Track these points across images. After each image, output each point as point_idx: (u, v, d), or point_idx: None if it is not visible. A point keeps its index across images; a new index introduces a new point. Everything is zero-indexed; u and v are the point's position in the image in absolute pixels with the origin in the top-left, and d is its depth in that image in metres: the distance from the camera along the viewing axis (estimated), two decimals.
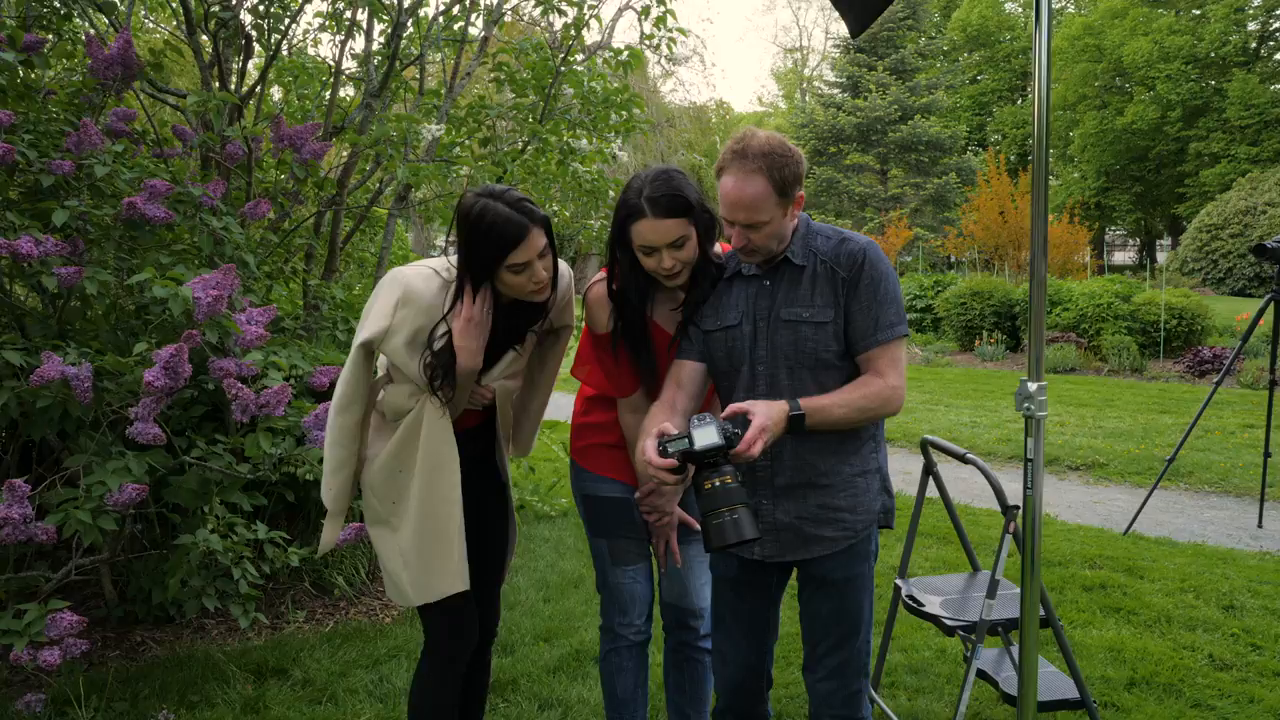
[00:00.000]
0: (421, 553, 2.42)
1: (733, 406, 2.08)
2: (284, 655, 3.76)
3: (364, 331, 2.34)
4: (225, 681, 3.52)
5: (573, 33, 4.94)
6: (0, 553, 3.20)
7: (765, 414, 2.03)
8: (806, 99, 44.65)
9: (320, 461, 3.37)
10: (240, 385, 3.04)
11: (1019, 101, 41.73)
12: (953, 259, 28.73)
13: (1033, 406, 2.06)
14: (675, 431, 2.04)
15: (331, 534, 2.60)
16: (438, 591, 2.43)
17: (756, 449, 1.99)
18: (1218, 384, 5.78)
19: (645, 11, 4.98)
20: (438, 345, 2.34)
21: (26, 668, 3.14)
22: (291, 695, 3.46)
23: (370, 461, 2.48)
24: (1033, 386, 2.05)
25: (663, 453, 2.01)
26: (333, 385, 2.93)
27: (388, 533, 2.47)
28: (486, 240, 2.26)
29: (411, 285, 2.34)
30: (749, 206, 2.13)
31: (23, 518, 2.79)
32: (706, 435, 1.98)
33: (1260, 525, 5.88)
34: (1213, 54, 32.64)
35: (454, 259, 2.40)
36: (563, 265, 2.52)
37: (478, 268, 2.31)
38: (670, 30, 5.00)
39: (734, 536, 1.96)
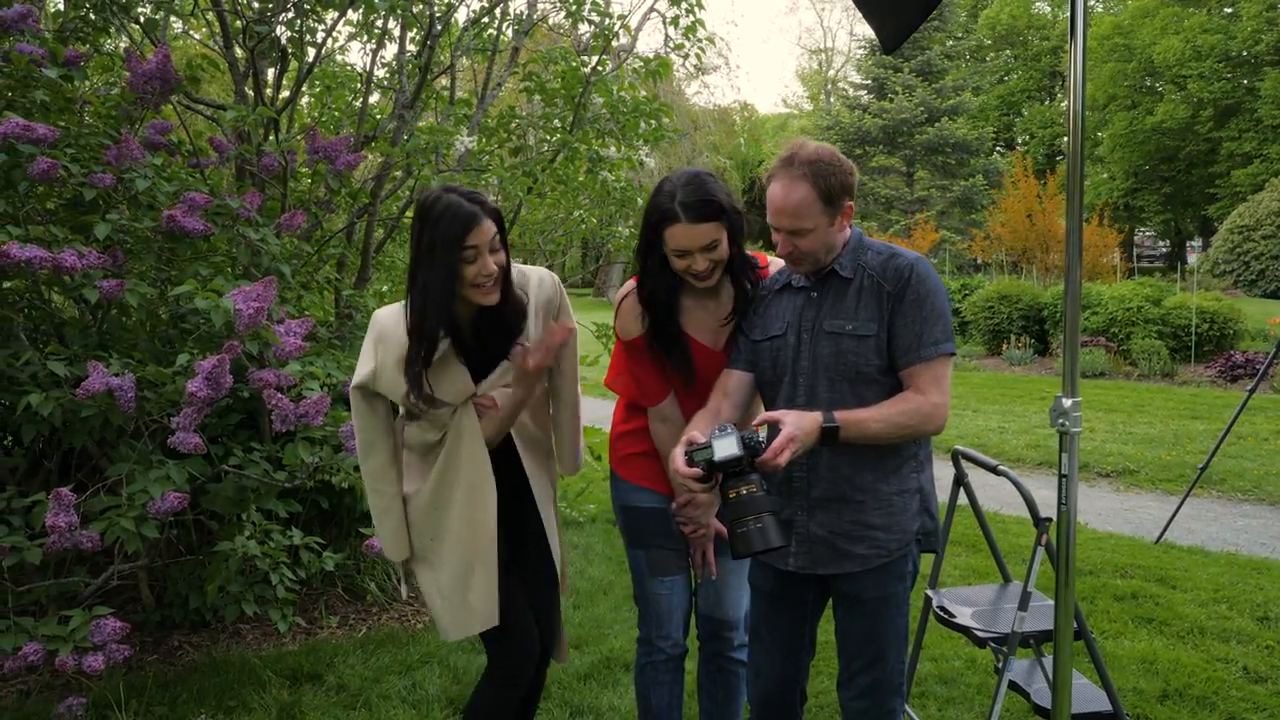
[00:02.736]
0: (458, 589, 2.44)
1: (764, 415, 2.11)
2: (318, 660, 3.81)
3: (354, 377, 2.41)
4: (261, 686, 3.57)
5: (600, 43, 4.96)
6: (41, 559, 3.26)
7: (795, 424, 2.05)
8: (831, 101, 44.49)
9: (356, 469, 3.43)
10: (279, 395, 3.09)
11: (1047, 101, 41.35)
12: (980, 262, 28.53)
13: (1067, 423, 2.06)
14: (702, 440, 2.07)
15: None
16: (470, 629, 2.45)
17: (784, 459, 2.01)
18: (1252, 390, 5.69)
19: (674, 21, 4.99)
20: (409, 383, 2.37)
21: (69, 673, 3.20)
22: (326, 701, 3.51)
23: (411, 499, 2.49)
24: (1068, 403, 2.06)
25: (689, 462, 2.05)
26: None
27: (427, 569, 2.49)
28: (439, 226, 2.26)
29: (384, 324, 2.42)
30: (793, 213, 2.16)
31: (69, 525, 2.86)
32: (726, 446, 2.02)
33: None
34: (1245, 52, 32.19)
35: None
36: (543, 271, 2.55)
37: (438, 275, 2.28)
38: (699, 40, 5.01)
39: (760, 544, 1.99)
